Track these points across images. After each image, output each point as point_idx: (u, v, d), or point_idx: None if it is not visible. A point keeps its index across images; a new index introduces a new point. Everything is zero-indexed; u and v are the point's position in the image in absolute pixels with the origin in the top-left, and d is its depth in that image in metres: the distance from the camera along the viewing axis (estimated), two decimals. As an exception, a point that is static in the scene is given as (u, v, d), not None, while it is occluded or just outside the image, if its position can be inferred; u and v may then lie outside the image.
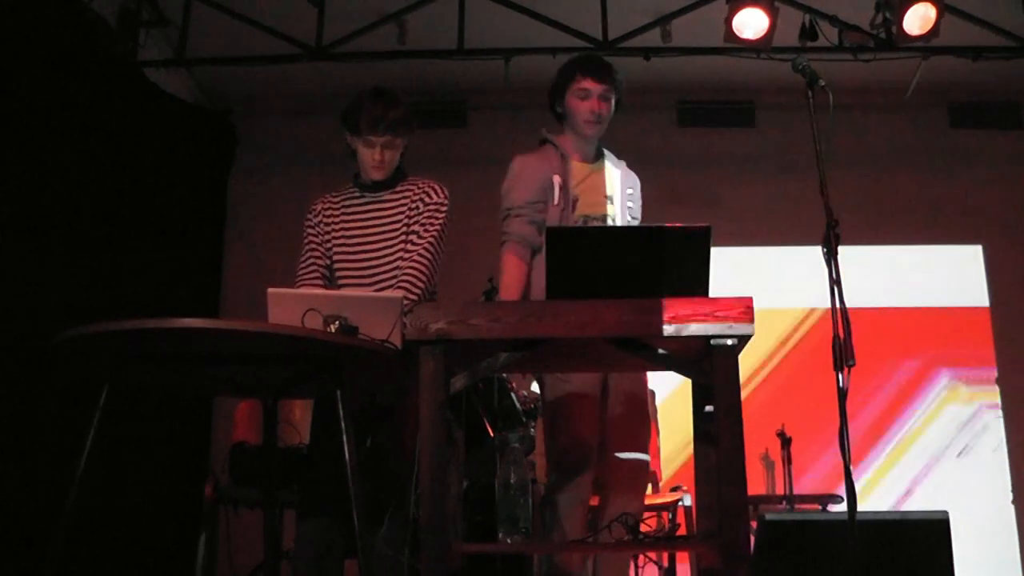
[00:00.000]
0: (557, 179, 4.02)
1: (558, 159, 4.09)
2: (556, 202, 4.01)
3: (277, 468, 4.08)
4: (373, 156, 3.84)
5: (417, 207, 3.86)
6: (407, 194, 3.91)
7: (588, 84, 4.03)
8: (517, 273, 4.00)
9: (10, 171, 5.15)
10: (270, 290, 3.22)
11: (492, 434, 4.91)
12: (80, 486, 2.88)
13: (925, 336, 7.83)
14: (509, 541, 3.13)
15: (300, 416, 4.73)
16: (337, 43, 6.82)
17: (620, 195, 4.11)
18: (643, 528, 3.76)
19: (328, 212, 3.96)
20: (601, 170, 4.15)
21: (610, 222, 4.03)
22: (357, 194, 3.96)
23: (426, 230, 3.83)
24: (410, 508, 3.31)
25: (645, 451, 4.03)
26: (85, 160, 5.87)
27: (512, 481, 3.13)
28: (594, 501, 4.04)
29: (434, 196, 3.89)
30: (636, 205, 4.20)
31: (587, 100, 4.03)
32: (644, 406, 4.05)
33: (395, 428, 3.66)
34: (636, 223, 4.15)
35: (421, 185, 3.92)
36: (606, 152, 4.22)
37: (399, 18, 6.86)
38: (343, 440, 3.02)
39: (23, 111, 5.31)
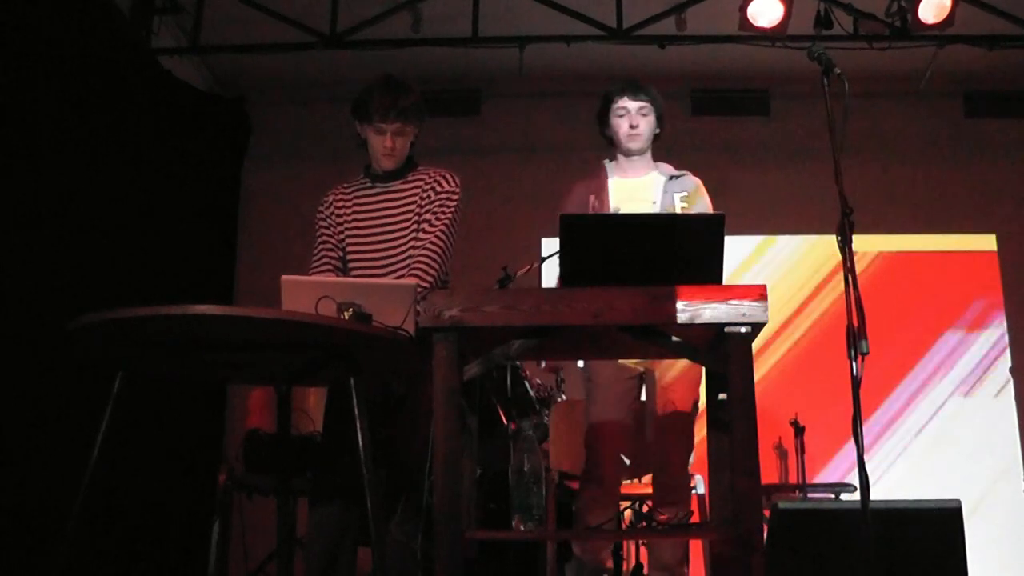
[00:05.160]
0: (593, 198, 4.20)
1: (600, 180, 4.31)
2: None
3: (291, 456, 4.10)
4: (384, 143, 3.83)
5: (429, 196, 3.86)
6: (419, 183, 3.90)
7: (625, 102, 4.25)
8: None
9: (23, 158, 5.16)
10: (284, 277, 3.22)
11: (505, 422, 4.92)
12: (94, 473, 2.90)
13: (940, 323, 7.82)
14: (522, 528, 3.13)
15: (314, 404, 4.74)
16: (351, 31, 6.82)
17: (663, 198, 4.21)
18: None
19: (340, 203, 3.97)
20: (645, 181, 4.30)
21: None
22: (369, 184, 3.96)
23: (438, 218, 3.82)
24: (424, 495, 3.32)
25: (684, 466, 4.12)
26: (99, 147, 5.88)
27: (525, 469, 3.13)
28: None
29: (446, 185, 3.88)
30: (694, 206, 4.23)
31: (625, 116, 4.25)
32: (686, 423, 4.12)
33: (408, 415, 3.67)
34: None
35: (432, 174, 3.91)
36: (659, 167, 4.36)
37: (413, 6, 6.85)
38: (357, 428, 3.02)
39: (37, 99, 5.32)
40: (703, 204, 4.26)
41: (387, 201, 3.91)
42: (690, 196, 4.24)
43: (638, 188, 4.26)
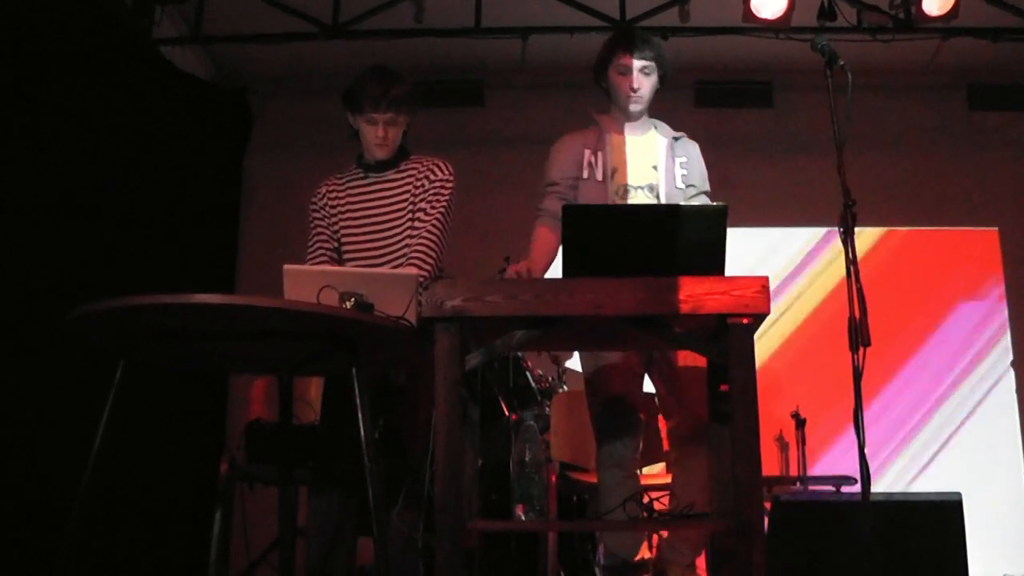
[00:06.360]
0: (588, 153, 4.02)
1: (596, 135, 4.08)
2: (588, 175, 4.01)
3: (292, 445, 4.09)
4: (376, 133, 3.82)
5: (422, 184, 3.85)
6: (412, 172, 3.90)
7: (627, 60, 3.97)
8: (544, 243, 4.00)
9: (26, 149, 5.16)
10: (286, 267, 3.22)
11: (507, 412, 4.92)
12: (96, 463, 2.89)
13: (941, 316, 7.81)
14: (524, 519, 3.14)
15: (316, 394, 4.73)
16: (353, 21, 6.82)
17: (666, 163, 4.03)
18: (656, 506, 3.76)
19: (333, 195, 3.96)
20: (646, 141, 4.10)
21: (654, 191, 3.98)
22: (361, 175, 3.96)
23: (433, 207, 3.81)
24: (425, 486, 3.32)
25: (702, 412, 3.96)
26: (101, 138, 5.88)
27: (527, 459, 3.14)
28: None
29: (439, 173, 3.87)
30: (692, 172, 4.09)
31: (627, 76, 3.99)
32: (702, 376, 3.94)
33: (410, 406, 3.67)
34: (694, 190, 4.07)
35: (425, 163, 3.91)
36: (657, 124, 4.17)
37: (416, -4, 6.85)
38: (359, 418, 3.02)
39: (39, 90, 5.31)
40: (699, 171, 4.13)
41: (380, 191, 3.90)
42: (690, 163, 4.09)
43: (639, 148, 4.08)
